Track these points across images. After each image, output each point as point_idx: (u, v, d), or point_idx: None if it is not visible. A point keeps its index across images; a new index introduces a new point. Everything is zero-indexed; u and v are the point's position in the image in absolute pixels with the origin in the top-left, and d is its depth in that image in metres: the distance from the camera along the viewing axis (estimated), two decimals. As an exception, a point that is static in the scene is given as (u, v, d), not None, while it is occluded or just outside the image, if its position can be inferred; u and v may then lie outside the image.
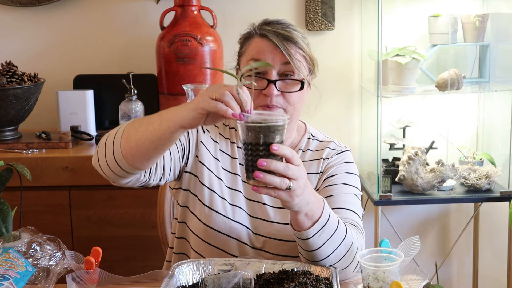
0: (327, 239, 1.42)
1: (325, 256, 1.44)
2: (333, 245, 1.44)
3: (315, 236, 1.41)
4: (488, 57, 2.89)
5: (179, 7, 2.68)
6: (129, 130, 1.42)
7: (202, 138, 1.67)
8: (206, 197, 1.64)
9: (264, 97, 1.58)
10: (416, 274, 1.42)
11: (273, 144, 1.24)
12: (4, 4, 2.89)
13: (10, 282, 1.44)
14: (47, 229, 1.72)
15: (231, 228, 1.62)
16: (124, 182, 1.49)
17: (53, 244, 1.56)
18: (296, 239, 1.45)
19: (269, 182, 1.25)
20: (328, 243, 1.43)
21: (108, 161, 1.45)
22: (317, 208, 1.40)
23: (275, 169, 1.25)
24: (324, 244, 1.43)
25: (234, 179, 1.67)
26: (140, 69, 2.84)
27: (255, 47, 1.61)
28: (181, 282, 1.42)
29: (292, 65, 1.58)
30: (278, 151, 1.24)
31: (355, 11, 2.94)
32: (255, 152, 1.25)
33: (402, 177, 2.71)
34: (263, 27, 1.62)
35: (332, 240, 1.43)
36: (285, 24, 1.64)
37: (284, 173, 1.26)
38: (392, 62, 2.73)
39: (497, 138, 2.91)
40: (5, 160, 1.67)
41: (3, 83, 2.51)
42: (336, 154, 1.71)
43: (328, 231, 1.42)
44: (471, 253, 3.09)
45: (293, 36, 1.60)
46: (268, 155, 1.25)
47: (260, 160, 1.24)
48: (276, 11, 2.91)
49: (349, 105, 3.01)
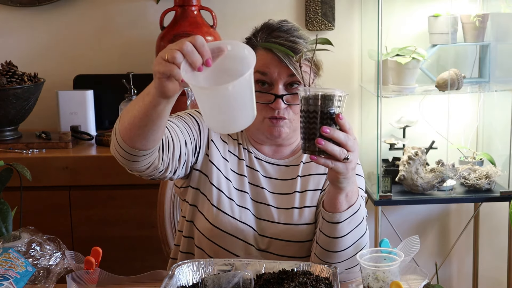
0: (353, 228, 1.45)
1: (344, 247, 1.46)
2: (355, 237, 1.46)
3: (345, 222, 1.43)
4: (488, 57, 2.89)
5: (179, 7, 2.68)
6: (123, 113, 1.42)
7: (212, 137, 1.67)
8: (215, 197, 1.64)
9: (271, 110, 1.59)
10: (416, 274, 1.42)
11: (339, 113, 1.29)
12: (4, 4, 2.89)
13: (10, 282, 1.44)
14: (47, 229, 1.72)
15: (238, 229, 1.62)
16: (139, 167, 1.47)
17: (53, 244, 1.56)
18: (323, 224, 1.46)
19: (330, 150, 1.28)
20: (352, 233, 1.45)
21: (115, 147, 1.46)
22: (355, 192, 1.44)
23: (337, 137, 1.29)
24: (349, 233, 1.45)
25: (241, 180, 1.67)
26: (140, 69, 2.84)
27: (260, 60, 1.58)
28: (181, 282, 1.42)
29: (298, 76, 1.58)
30: (343, 120, 1.29)
31: (355, 11, 2.94)
32: (317, 120, 1.28)
33: (402, 177, 2.71)
34: (267, 39, 1.61)
35: (356, 230, 1.46)
36: (289, 31, 1.62)
37: (344, 142, 1.29)
38: (392, 62, 2.73)
39: (497, 138, 2.91)
40: (5, 160, 1.67)
41: (3, 83, 2.51)
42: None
43: (356, 220, 1.45)
44: (471, 253, 3.09)
45: (298, 47, 1.59)
46: (327, 124, 1.29)
47: (324, 127, 1.28)
48: (276, 11, 2.91)
49: (349, 105, 3.01)
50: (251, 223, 1.64)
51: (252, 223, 1.64)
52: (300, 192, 1.66)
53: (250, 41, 1.65)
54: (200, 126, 1.65)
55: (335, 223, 1.44)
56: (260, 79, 1.60)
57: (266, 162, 1.69)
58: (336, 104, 1.29)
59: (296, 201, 1.65)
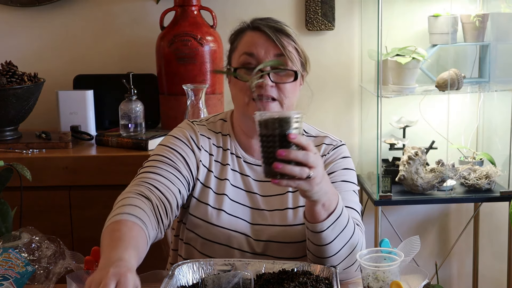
0: (339, 233, 1.44)
1: (334, 252, 1.45)
2: (343, 240, 1.45)
3: (328, 229, 1.42)
4: (488, 57, 2.89)
5: (179, 7, 2.68)
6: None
7: (201, 157, 1.66)
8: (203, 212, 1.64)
9: (258, 88, 1.58)
10: (416, 274, 1.42)
11: (290, 133, 1.25)
12: (4, 4, 2.89)
13: (10, 282, 1.44)
14: (47, 229, 1.72)
15: (230, 238, 1.62)
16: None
17: (53, 244, 1.56)
18: (308, 233, 1.46)
19: (290, 172, 1.26)
20: (339, 238, 1.44)
21: None
22: (333, 199, 1.42)
23: (295, 157, 1.26)
24: (335, 239, 1.44)
25: (236, 190, 1.67)
26: (140, 69, 2.84)
27: (247, 41, 1.62)
28: (181, 282, 1.42)
29: (286, 56, 1.58)
30: (295, 139, 1.25)
31: (355, 11, 2.94)
32: (276, 144, 1.26)
33: (402, 177, 2.71)
34: (255, 21, 1.64)
35: (343, 234, 1.45)
36: (275, 20, 1.66)
37: (304, 160, 1.26)
38: (392, 62, 2.73)
39: (497, 138, 2.91)
40: (5, 160, 1.67)
41: (3, 83, 2.51)
42: (333, 150, 1.70)
43: (341, 225, 1.44)
44: (471, 253, 3.09)
45: (285, 29, 1.62)
46: (285, 146, 1.26)
47: (280, 150, 1.25)
48: (276, 11, 2.91)
49: (349, 105, 3.01)
50: (244, 231, 1.63)
51: (245, 230, 1.63)
52: (293, 192, 1.65)
53: (239, 28, 1.67)
54: (187, 159, 1.64)
55: (319, 232, 1.43)
56: (247, 61, 1.60)
57: (255, 165, 1.68)
58: (294, 126, 1.26)
59: (289, 201, 1.65)
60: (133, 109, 2.61)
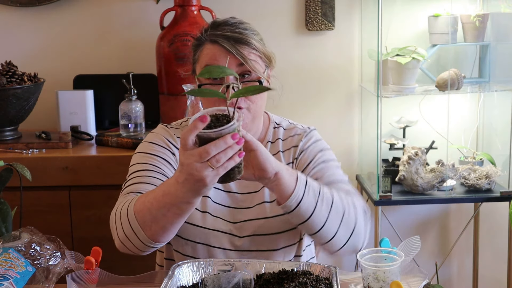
0: (316, 199, 1.44)
1: (322, 223, 1.45)
2: (326, 205, 1.45)
3: (304, 197, 1.42)
4: (488, 57, 2.89)
5: (179, 7, 2.68)
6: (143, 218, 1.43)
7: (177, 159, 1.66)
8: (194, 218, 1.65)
9: (225, 102, 1.58)
10: (416, 274, 1.42)
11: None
12: (4, 4, 2.89)
13: (10, 282, 1.44)
14: (47, 229, 1.72)
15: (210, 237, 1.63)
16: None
17: (53, 244, 1.56)
18: (290, 217, 1.46)
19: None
20: (320, 204, 1.44)
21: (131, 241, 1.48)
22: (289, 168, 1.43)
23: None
24: (316, 206, 1.43)
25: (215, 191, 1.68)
26: (140, 69, 2.84)
27: (207, 54, 1.60)
28: (181, 282, 1.42)
29: (248, 67, 1.57)
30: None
31: (355, 11, 2.94)
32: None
33: (402, 177, 2.71)
34: (212, 33, 1.60)
35: (323, 201, 1.44)
36: (234, 24, 1.62)
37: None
38: (392, 62, 2.73)
39: (497, 138, 2.91)
40: (5, 160, 1.67)
41: (3, 83, 2.51)
42: (304, 137, 1.72)
43: (314, 190, 1.44)
44: (471, 253, 3.09)
45: (244, 37, 1.59)
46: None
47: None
48: (276, 11, 2.91)
49: (349, 105, 3.01)
50: (227, 230, 1.64)
51: (228, 229, 1.64)
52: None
53: (199, 40, 1.64)
54: (170, 162, 1.64)
55: (296, 207, 1.42)
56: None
57: None
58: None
59: (265, 195, 1.66)
60: (133, 109, 2.61)
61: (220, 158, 1.23)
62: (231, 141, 1.23)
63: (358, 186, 2.98)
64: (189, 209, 1.37)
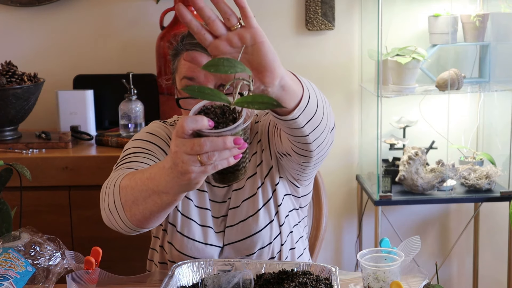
0: (312, 88, 1.34)
1: (321, 114, 1.39)
2: (319, 95, 1.37)
3: (311, 94, 1.32)
4: (488, 57, 2.89)
5: (179, 7, 2.68)
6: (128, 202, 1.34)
7: None
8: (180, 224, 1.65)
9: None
10: (416, 274, 1.42)
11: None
12: (4, 4, 2.89)
13: (10, 282, 1.44)
14: (47, 229, 1.72)
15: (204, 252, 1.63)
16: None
17: (53, 244, 1.56)
18: (300, 119, 1.33)
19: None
20: (317, 94, 1.37)
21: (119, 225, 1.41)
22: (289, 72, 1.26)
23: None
24: (316, 97, 1.35)
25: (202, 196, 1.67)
26: (140, 69, 2.84)
27: (185, 64, 1.57)
28: (181, 282, 1.42)
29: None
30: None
31: (355, 11, 2.94)
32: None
33: (402, 177, 2.71)
34: (189, 41, 1.57)
35: (313, 89, 1.35)
36: None
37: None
38: (392, 62, 2.73)
39: (497, 138, 2.91)
40: (5, 160, 1.67)
41: (3, 83, 2.51)
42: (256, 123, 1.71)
43: (314, 87, 1.36)
44: (471, 253, 3.09)
45: None
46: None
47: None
48: (276, 11, 2.91)
49: (349, 105, 3.01)
50: (217, 243, 1.64)
51: (217, 242, 1.64)
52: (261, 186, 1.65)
53: (176, 50, 1.62)
54: (167, 153, 1.62)
55: (308, 102, 1.30)
56: (188, 85, 1.54)
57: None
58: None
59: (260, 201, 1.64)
60: (133, 109, 2.61)
61: (213, 156, 1.07)
62: (231, 144, 1.07)
63: (358, 186, 2.98)
64: (169, 202, 1.25)
